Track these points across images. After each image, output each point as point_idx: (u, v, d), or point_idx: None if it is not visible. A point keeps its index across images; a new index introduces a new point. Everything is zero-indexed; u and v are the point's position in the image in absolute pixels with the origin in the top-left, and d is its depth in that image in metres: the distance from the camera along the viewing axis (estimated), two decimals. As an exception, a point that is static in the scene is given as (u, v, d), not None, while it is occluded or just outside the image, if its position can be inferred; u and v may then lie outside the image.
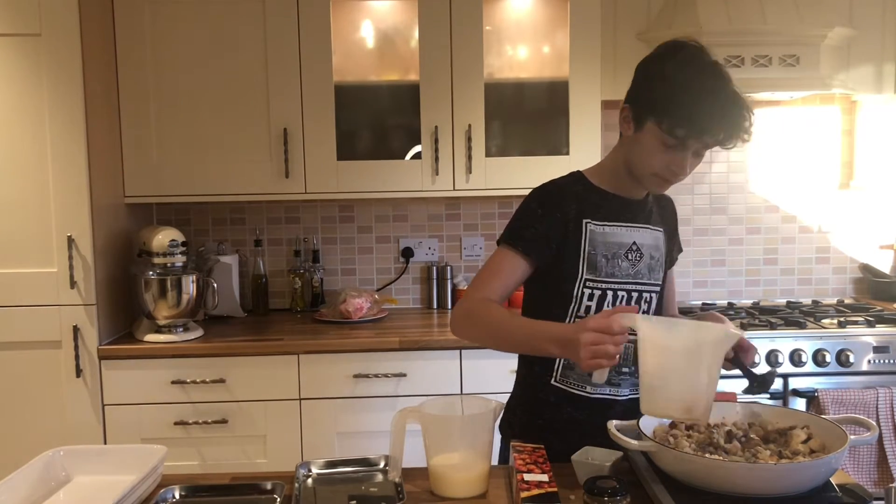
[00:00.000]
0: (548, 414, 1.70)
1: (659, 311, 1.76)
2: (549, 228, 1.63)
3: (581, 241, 1.63)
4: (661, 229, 1.74)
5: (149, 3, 2.80)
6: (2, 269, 2.57)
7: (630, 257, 1.66)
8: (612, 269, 1.64)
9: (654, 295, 1.71)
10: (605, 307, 1.64)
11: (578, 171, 1.73)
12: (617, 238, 1.65)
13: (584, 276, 1.63)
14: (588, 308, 1.64)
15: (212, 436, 2.65)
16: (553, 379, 1.68)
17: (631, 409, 1.62)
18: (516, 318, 1.64)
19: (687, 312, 2.86)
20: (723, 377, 2.81)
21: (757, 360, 1.59)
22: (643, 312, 1.68)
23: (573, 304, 1.65)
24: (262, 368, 2.64)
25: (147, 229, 2.82)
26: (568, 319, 1.65)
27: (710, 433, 1.43)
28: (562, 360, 1.67)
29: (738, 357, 1.53)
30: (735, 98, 1.52)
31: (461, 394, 2.67)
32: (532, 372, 1.73)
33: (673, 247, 1.81)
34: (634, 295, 1.67)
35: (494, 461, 1.73)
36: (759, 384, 1.53)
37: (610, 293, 1.64)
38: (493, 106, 2.91)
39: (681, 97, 1.50)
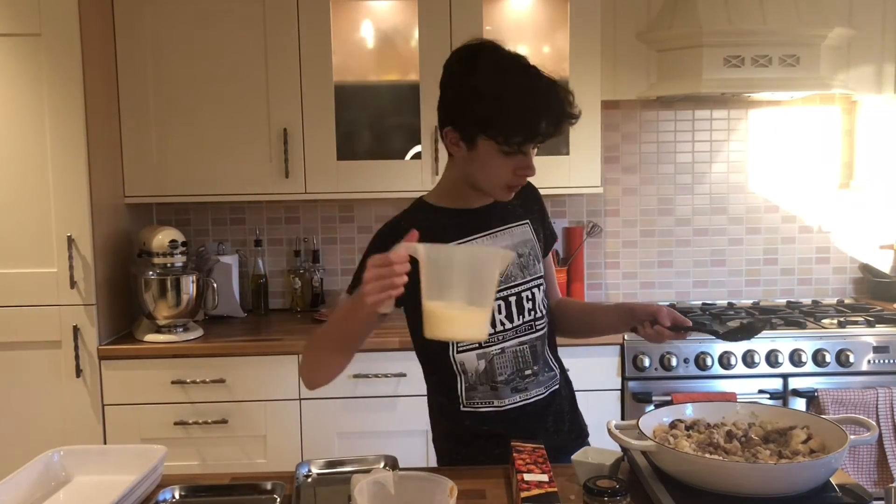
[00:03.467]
0: (470, 436, 1.67)
1: (547, 300, 1.73)
2: None
3: None
4: (527, 220, 1.70)
5: (149, 3, 2.80)
6: (2, 269, 2.57)
7: None
8: None
9: (535, 289, 1.66)
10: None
11: (420, 198, 1.69)
12: None
13: None
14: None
15: (212, 436, 2.65)
16: (461, 406, 1.65)
17: (546, 407, 1.65)
18: (322, 328, 1.57)
19: (686, 312, 2.87)
20: (723, 377, 2.82)
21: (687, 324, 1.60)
22: (529, 311, 1.65)
23: None
24: (262, 368, 2.64)
25: (147, 229, 2.82)
26: (453, 345, 1.61)
27: (710, 433, 1.43)
28: (463, 385, 1.64)
29: (677, 325, 1.55)
30: (552, 86, 1.49)
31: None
32: (441, 405, 1.71)
33: (544, 233, 1.76)
34: (513, 299, 1.63)
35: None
36: (726, 335, 1.58)
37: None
38: (493, 106, 2.91)
39: (503, 107, 1.47)
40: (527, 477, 1.36)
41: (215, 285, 2.83)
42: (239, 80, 2.83)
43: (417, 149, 2.92)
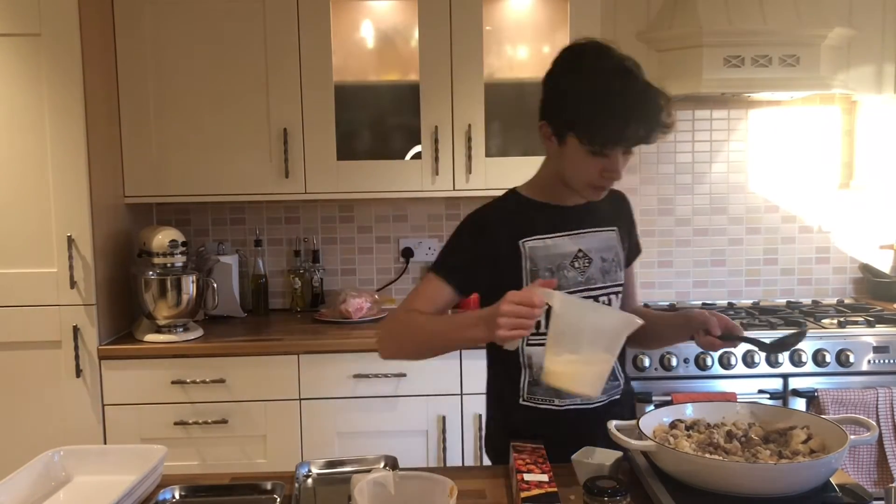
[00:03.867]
0: (525, 432, 1.66)
1: (622, 308, 1.73)
2: (474, 257, 1.65)
3: (520, 260, 1.63)
4: (615, 228, 1.72)
5: (149, 3, 2.80)
6: (2, 269, 2.57)
7: (577, 265, 1.65)
8: (558, 280, 1.62)
9: (613, 296, 1.69)
10: None
11: (514, 189, 1.73)
12: (559, 249, 1.64)
13: None
14: (539, 323, 1.59)
15: (212, 436, 2.65)
16: (521, 398, 1.67)
17: (604, 413, 1.61)
18: (437, 317, 1.63)
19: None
20: (723, 377, 2.82)
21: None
22: None
23: None
24: (262, 368, 2.64)
25: (147, 229, 2.82)
26: (524, 338, 1.63)
27: (710, 433, 1.43)
28: (527, 379, 1.66)
29: (728, 334, 1.57)
30: (646, 93, 1.49)
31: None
32: (501, 396, 1.73)
33: (630, 245, 1.78)
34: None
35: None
36: (771, 347, 1.58)
37: None
38: (493, 106, 2.91)
39: (591, 108, 1.48)
40: (527, 477, 1.36)
41: (215, 285, 2.83)
42: (239, 81, 2.83)
43: (417, 149, 2.92)
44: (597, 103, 1.48)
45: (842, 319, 2.79)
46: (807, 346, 2.67)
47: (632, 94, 1.48)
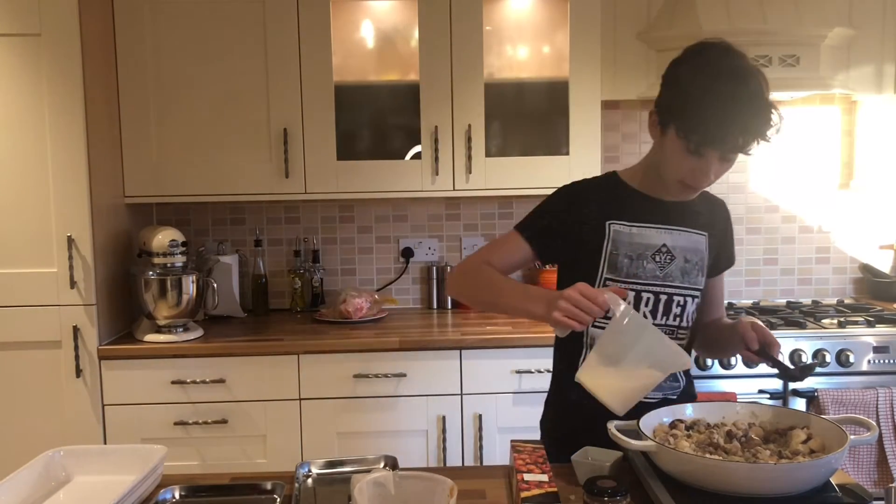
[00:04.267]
0: (573, 410, 1.69)
1: (701, 316, 1.74)
2: (559, 225, 1.66)
3: (603, 242, 1.63)
4: (706, 234, 1.70)
5: (149, 3, 2.80)
6: (2, 269, 2.57)
7: (658, 259, 1.64)
8: (635, 269, 1.63)
9: (688, 299, 1.67)
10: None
11: (613, 171, 1.73)
12: (644, 239, 1.64)
13: (604, 276, 1.63)
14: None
15: (212, 436, 2.65)
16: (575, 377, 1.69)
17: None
18: (510, 280, 1.65)
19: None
20: (723, 377, 2.82)
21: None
22: (675, 316, 1.66)
23: None
24: (262, 368, 2.64)
25: (147, 229, 2.81)
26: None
27: (710, 433, 1.43)
28: (583, 360, 1.66)
29: (764, 349, 1.56)
30: (754, 102, 1.47)
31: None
32: (558, 371, 1.76)
33: (720, 254, 1.76)
34: (663, 297, 1.64)
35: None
36: (788, 374, 1.56)
37: (632, 294, 1.62)
38: (493, 106, 2.91)
39: (694, 105, 1.48)
40: (527, 477, 1.36)
41: (215, 285, 2.83)
42: (239, 80, 2.83)
43: (417, 149, 2.91)
44: (701, 101, 1.47)
45: (842, 319, 2.79)
46: (807, 346, 2.68)
47: (738, 100, 1.46)
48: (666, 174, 1.60)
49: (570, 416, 1.71)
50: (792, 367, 1.59)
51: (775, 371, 1.57)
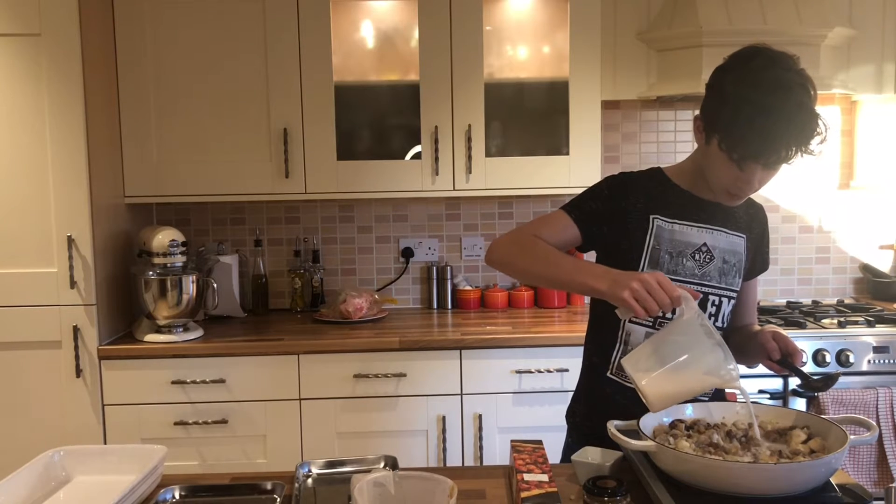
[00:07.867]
0: (605, 404, 1.69)
1: (733, 319, 1.74)
2: (607, 211, 1.66)
3: (646, 235, 1.64)
4: (744, 236, 1.71)
5: (149, 3, 2.80)
6: (2, 269, 2.57)
7: (697, 258, 1.64)
8: (675, 266, 1.63)
9: (724, 300, 1.67)
10: None
11: (658, 167, 1.73)
12: (685, 237, 1.64)
13: (645, 270, 1.63)
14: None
15: (212, 436, 2.65)
16: (609, 371, 1.69)
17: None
18: (565, 254, 1.62)
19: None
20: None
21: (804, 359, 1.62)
22: (710, 315, 1.66)
23: None
24: (262, 368, 2.64)
25: (147, 229, 2.81)
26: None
27: (710, 433, 1.43)
28: (618, 354, 1.67)
29: (786, 360, 1.56)
30: (798, 116, 1.44)
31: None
32: (591, 363, 1.76)
33: (756, 257, 1.76)
34: (699, 295, 1.64)
35: (558, 456, 1.75)
36: (811, 384, 1.55)
37: None
38: (493, 106, 2.91)
39: (736, 117, 1.46)
40: (527, 477, 1.36)
41: (215, 285, 2.83)
42: (239, 80, 2.83)
43: (417, 149, 2.92)
44: (744, 114, 1.45)
45: (842, 319, 2.79)
46: (807, 346, 2.68)
47: (782, 114, 1.44)
48: (711, 181, 1.61)
49: (603, 411, 1.68)
50: (815, 377, 1.57)
51: (798, 382, 1.56)
